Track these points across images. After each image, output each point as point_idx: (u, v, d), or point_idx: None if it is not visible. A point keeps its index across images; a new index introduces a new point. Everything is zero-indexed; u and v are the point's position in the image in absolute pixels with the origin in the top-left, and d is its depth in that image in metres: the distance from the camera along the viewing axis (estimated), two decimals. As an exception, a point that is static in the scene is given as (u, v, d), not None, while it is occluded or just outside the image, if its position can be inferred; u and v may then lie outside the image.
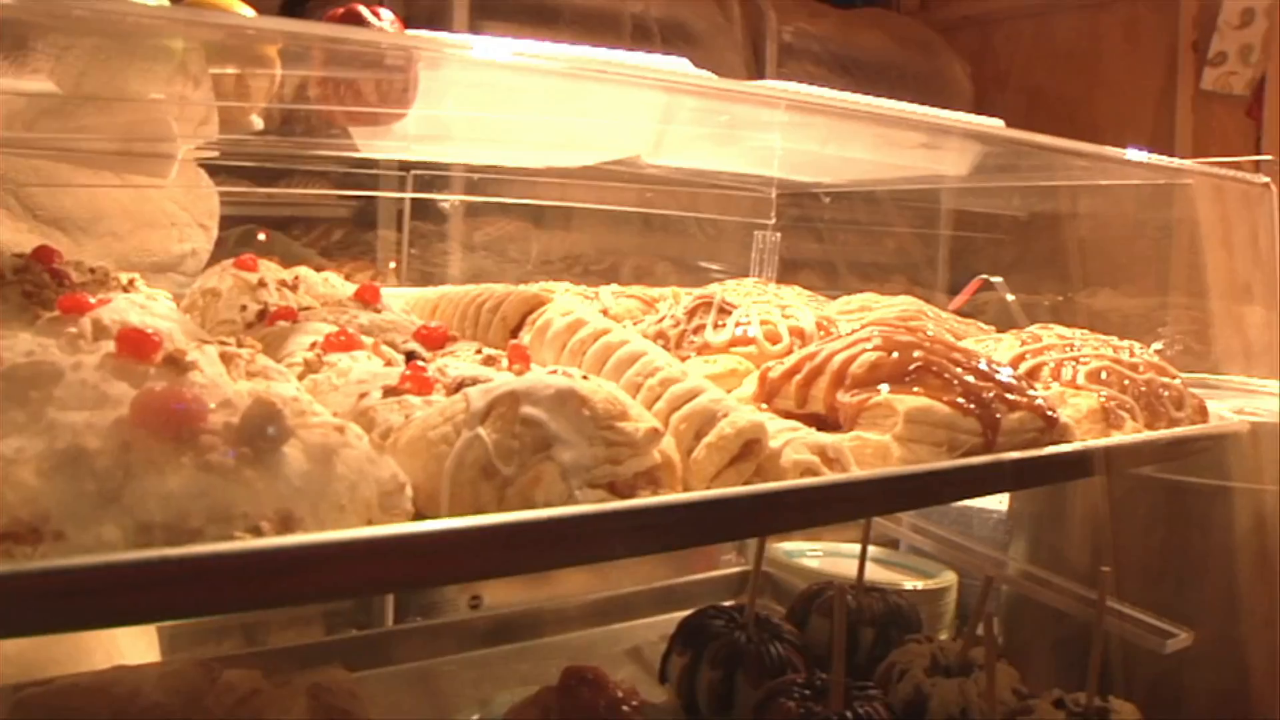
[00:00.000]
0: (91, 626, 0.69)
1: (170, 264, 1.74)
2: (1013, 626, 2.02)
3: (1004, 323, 1.85)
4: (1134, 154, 1.56)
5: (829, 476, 1.02)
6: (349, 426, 0.84)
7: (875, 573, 2.05)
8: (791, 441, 1.04)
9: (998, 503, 2.49)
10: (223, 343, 0.98)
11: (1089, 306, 2.27)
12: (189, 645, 1.87)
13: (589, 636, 2.02)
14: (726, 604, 1.80)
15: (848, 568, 1.99)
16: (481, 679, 1.81)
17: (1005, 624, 2.02)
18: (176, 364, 0.88)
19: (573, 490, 0.85)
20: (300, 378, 1.07)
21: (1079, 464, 1.28)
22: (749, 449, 1.01)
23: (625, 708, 1.50)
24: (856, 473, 1.06)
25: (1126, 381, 1.49)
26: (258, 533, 0.73)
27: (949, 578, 2.28)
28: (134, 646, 1.67)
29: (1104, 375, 1.47)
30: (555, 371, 0.97)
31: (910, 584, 2.16)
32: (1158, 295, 2.58)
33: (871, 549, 2.05)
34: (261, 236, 2.72)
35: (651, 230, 3.16)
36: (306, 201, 3.04)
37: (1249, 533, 1.67)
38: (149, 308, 1.13)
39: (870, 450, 1.14)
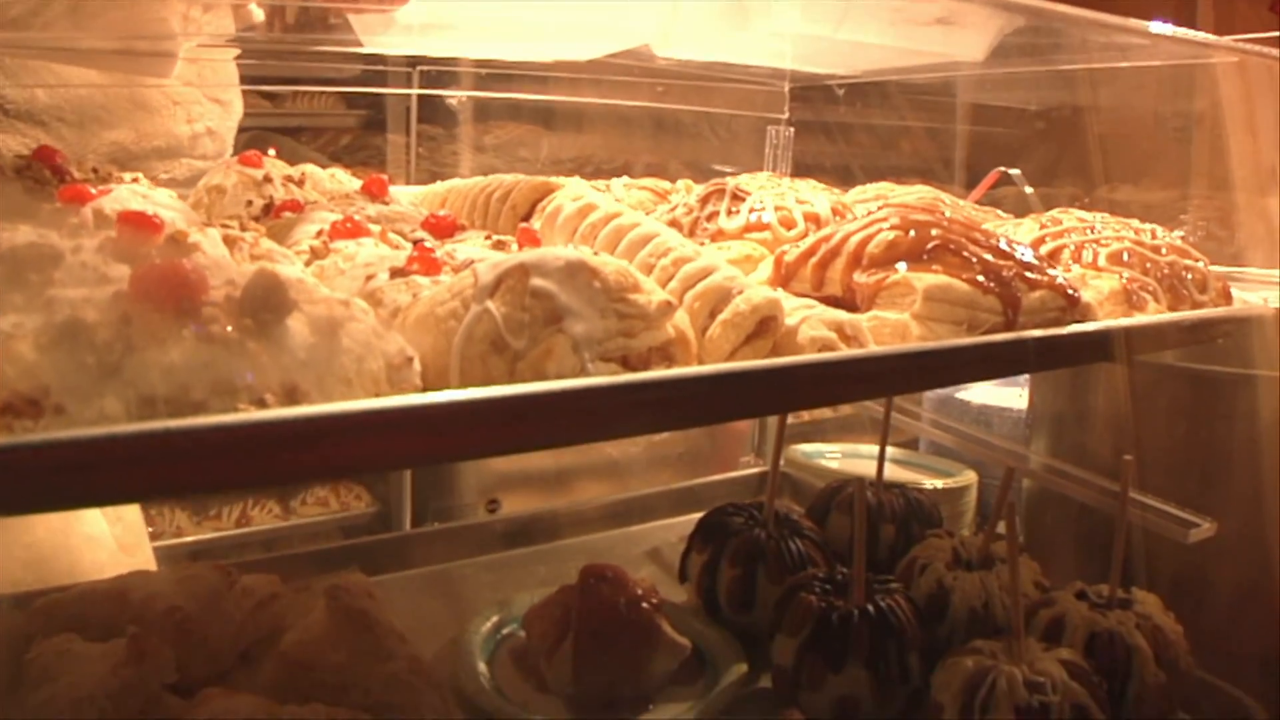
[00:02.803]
0: (94, 503, 0.67)
1: (178, 148, 1.61)
2: (1034, 522, 2.01)
3: (1022, 215, 1.81)
4: (1158, 27, 1.51)
5: (847, 352, 1.00)
6: (354, 301, 0.82)
7: (895, 473, 2.04)
8: (808, 319, 1.02)
9: (1018, 399, 2.48)
10: (225, 225, 0.96)
11: (1109, 200, 2.23)
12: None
13: (608, 538, 2.02)
14: (745, 503, 1.79)
15: (867, 468, 1.98)
16: (500, 581, 1.81)
17: (1026, 520, 2.01)
18: (179, 245, 0.86)
19: (585, 363, 0.83)
20: (306, 265, 1.05)
21: (1101, 344, 1.25)
22: (765, 326, 0.99)
23: (645, 605, 1.50)
24: (875, 349, 1.04)
25: (1149, 264, 1.46)
26: (262, 405, 0.71)
27: (969, 476, 2.27)
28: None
29: (1126, 257, 1.44)
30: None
31: (930, 483, 2.15)
32: (1179, 188, 2.53)
33: (891, 450, 2.04)
34: (272, 152, 2.68)
35: (664, 132, 3.11)
36: (314, 110, 3.00)
37: (1274, 421, 1.64)
38: (151, 197, 1.11)
39: (889, 330, 1.11)
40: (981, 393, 2.74)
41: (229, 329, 0.73)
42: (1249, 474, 1.65)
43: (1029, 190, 2.29)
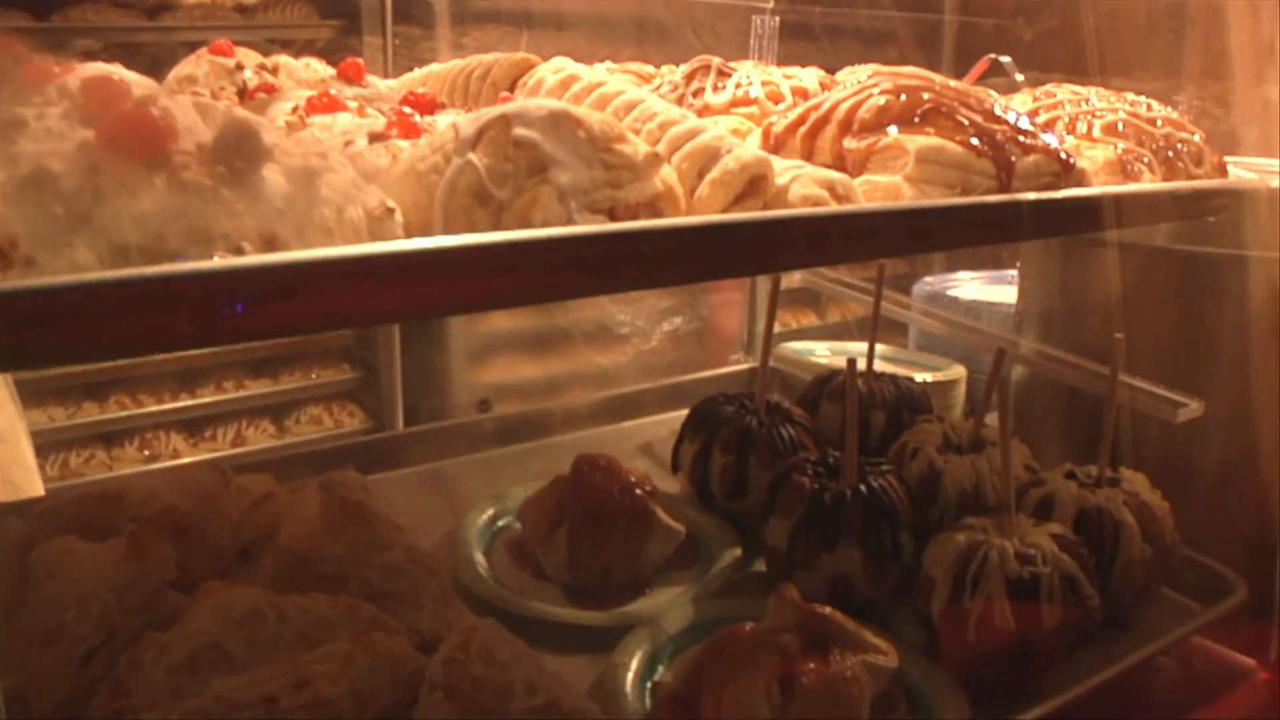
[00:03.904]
0: (67, 359, 0.65)
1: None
2: (1023, 411, 2.00)
3: (1014, 101, 1.78)
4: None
5: (839, 207, 0.98)
6: (332, 154, 0.80)
7: (884, 369, 2.02)
8: (799, 177, 1.00)
9: (1007, 295, 2.47)
10: (195, 93, 0.93)
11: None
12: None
13: (600, 434, 2.02)
14: (736, 393, 1.78)
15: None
16: (494, 477, 1.80)
17: (1016, 409, 2.00)
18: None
19: (571, 213, 0.81)
20: (283, 138, 1.03)
21: (1095, 211, 1.23)
22: (754, 186, 0.97)
23: (639, 491, 1.50)
24: (868, 205, 1.02)
25: (1144, 136, 1.44)
26: (240, 254, 0.69)
27: (958, 371, 2.27)
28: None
29: (1120, 128, 1.42)
30: (548, 105, 0.92)
31: (920, 377, 2.14)
32: (1175, 78, 2.49)
33: (880, 348, 2.03)
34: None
35: (645, 32, 3.06)
36: (286, 22, 2.95)
37: (1264, 303, 1.63)
38: (118, 72, 1.08)
39: (880, 192, 1.09)
40: (971, 289, 2.74)
41: (202, 177, 0.70)
42: (1237, 355, 1.64)
43: (1020, 78, 2.26)
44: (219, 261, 0.67)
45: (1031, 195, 1.13)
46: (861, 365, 1.89)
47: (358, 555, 1.32)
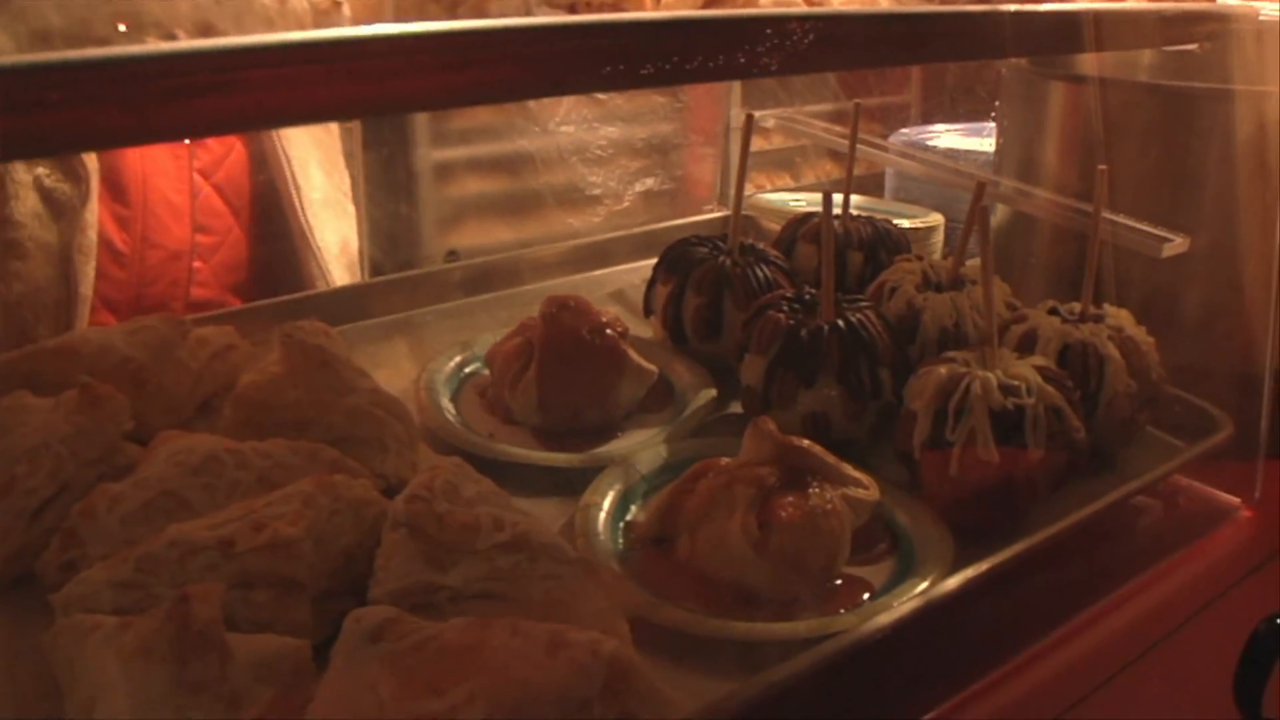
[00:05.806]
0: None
1: None
2: (1004, 254, 1.97)
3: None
4: None
5: (813, 9, 0.93)
6: (274, -54, 0.74)
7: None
8: (771, -18, 0.95)
9: (985, 145, 2.44)
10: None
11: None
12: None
13: (570, 283, 1.98)
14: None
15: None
16: (461, 326, 1.77)
17: (997, 252, 1.96)
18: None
19: (530, 7, 0.77)
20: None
21: (1077, 27, 1.18)
22: (724, -7, 0.92)
23: (610, 331, 1.47)
24: (842, 9, 0.97)
25: (1129, -44, 1.38)
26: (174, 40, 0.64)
27: (936, 218, 2.23)
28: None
29: (1105, -53, 1.36)
30: (504, -98, 0.86)
31: (898, 223, 2.11)
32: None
33: (857, 198, 1.99)
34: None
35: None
36: None
37: (1250, 138, 1.59)
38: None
39: (857, 4, 1.04)
40: (948, 140, 2.70)
41: (130, -38, 0.65)
42: (1223, 192, 1.61)
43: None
44: (149, 46, 0.62)
45: (1012, 6, 1.08)
46: (838, 211, 1.85)
47: (319, 400, 1.29)
